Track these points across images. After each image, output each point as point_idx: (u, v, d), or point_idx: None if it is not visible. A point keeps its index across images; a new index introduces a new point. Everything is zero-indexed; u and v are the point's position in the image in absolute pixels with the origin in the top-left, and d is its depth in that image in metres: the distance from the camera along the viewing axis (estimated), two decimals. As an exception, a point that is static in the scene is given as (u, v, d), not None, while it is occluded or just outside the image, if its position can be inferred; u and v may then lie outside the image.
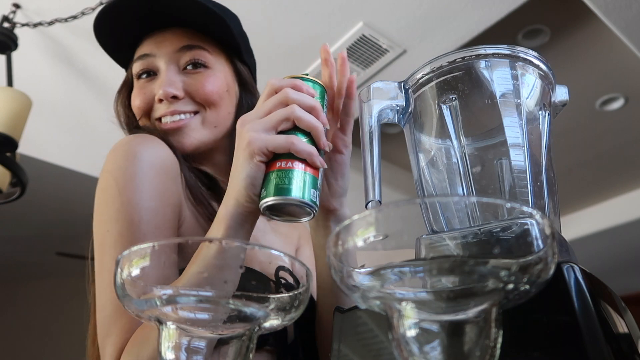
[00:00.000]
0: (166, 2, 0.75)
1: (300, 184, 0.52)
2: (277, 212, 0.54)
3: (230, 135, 0.79)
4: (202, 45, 0.78)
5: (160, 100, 0.75)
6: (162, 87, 0.74)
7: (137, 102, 0.78)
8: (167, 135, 0.74)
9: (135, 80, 0.80)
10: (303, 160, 0.53)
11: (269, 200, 0.52)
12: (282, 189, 0.51)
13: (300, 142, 0.53)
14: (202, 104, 0.76)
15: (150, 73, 0.78)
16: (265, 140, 0.53)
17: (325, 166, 0.55)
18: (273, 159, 0.53)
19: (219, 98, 0.77)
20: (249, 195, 0.54)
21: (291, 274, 0.71)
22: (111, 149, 0.70)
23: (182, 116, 0.75)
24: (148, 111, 0.78)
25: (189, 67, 0.77)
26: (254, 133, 0.53)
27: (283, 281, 0.69)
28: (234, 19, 0.83)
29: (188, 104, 0.76)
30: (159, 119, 0.76)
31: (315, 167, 0.54)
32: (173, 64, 0.77)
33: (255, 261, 0.65)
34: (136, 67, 0.79)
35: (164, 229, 0.64)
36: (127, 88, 0.84)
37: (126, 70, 0.85)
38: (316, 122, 0.54)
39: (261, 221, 0.85)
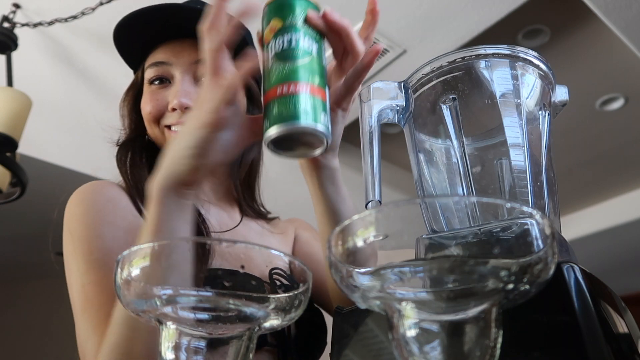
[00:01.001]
0: (188, 14, 0.76)
1: (309, 108, 0.45)
2: (283, 147, 0.46)
3: None
4: None
5: (174, 110, 0.76)
6: (177, 97, 0.75)
7: (148, 108, 0.78)
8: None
9: (146, 85, 0.80)
10: (307, 83, 0.46)
11: (273, 131, 0.44)
12: (288, 116, 0.44)
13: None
14: None
15: (164, 80, 0.78)
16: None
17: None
18: (270, 86, 0.47)
19: None
20: (189, 163, 0.50)
21: (286, 275, 0.71)
22: (69, 200, 0.75)
23: None
24: (158, 118, 0.78)
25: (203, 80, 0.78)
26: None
27: (278, 283, 0.70)
28: (249, 34, 0.84)
29: None
30: (169, 127, 0.77)
31: (322, 91, 0.46)
32: (189, 74, 0.77)
33: (252, 264, 0.65)
34: (150, 73, 0.79)
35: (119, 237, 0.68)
36: (135, 91, 0.84)
37: (134, 71, 0.85)
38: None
39: (257, 224, 0.85)
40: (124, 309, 0.49)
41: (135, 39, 0.80)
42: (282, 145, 0.46)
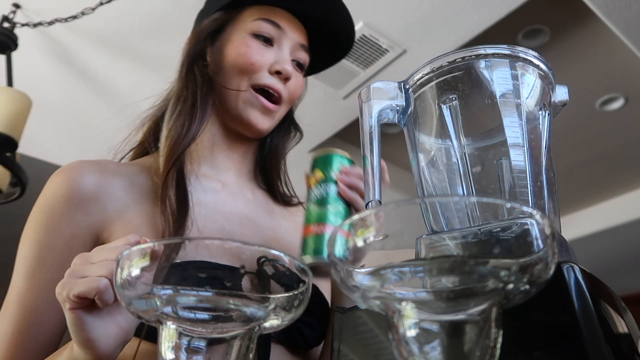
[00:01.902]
0: (332, 7, 0.81)
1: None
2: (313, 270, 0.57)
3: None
4: (309, 54, 0.82)
5: (277, 73, 0.75)
6: (287, 64, 0.76)
7: (253, 58, 0.75)
8: (252, 107, 0.75)
9: (248, 34, 0.77)
10: (333, 225, 0.59)
11: (307, 260, 0.58)
12: (318, 251, 0.58)
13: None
14: (287, 100, 0.79)
15: (269, 40, 0.77)
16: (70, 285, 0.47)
17: None
18: (308, 223, 0.61)
19: (294, 101, 0.82)
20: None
21: (276, 265, 0.67)
22: (47, 182, 0.72)
23: (276, 95, 0.76)
24: (253, 72, 0.75)
25: (294, 63, 0.79)
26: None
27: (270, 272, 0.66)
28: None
29: (285, 91, 0.77)
30: (259, 88, 0.75)
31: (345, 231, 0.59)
32: (291, 50, 0.79)
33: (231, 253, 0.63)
34: (260, 26, 0.77)
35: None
36: (219, 24, 0.79)
37: (225, 9, 0.80)
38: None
39: (275, 205, 0.83)
40: None
41: None
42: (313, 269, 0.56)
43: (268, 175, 0.85)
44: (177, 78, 0.81)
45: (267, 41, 0.77)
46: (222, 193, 0.76)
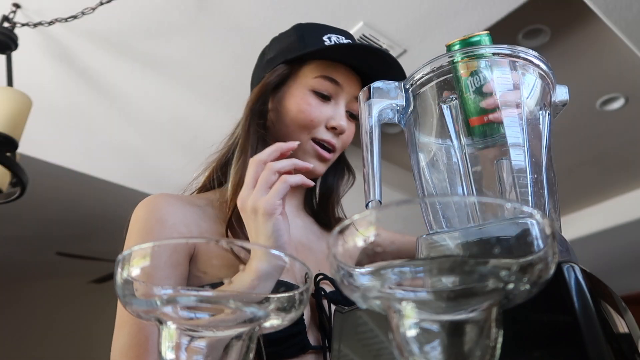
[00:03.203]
0: (384, 61, 0.84)
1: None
2: None
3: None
4: None
5: (333, 129, 0.83)
6: (343, 120, 0.84)
7: (312, 115, 0.83)
8: (310, 156, 0.83)
9: (308, 91, 0.84)
10: None
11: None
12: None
13: (291, 177, 0.65)
14: (340, 149, 0.86)
15: (326, 97, 0.84)
16: (269, 198, 0.64)
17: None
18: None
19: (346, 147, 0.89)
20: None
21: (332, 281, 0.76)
22: (133, 213, 0.79)
23: (331, 147, 0.84)
24: (312, 128, 0.83)
25: (348, 114, 0.86)
26: (259, 201, 0.64)
27: (323, 292, 0.75)
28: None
29: (339, 142, 0.85)
30: (318, 141, 0.83)
31: None
32: (347, 104, 0.86)
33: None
34: (321, 84, 0.83)
35: (175, 265, 0.71)
36: (280, 79, 0.86)
37: (287, 62, 0.86)
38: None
39: (320, 230, 0.91)
40: None
41: (333, 46, 0.85)
42: None
43: (320, 210, 0.94)
44: (242, 129, 0.86)
45: (326, 98, 0.84)
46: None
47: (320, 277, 0.76)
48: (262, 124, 0.84)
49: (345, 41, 0.87)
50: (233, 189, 0.78)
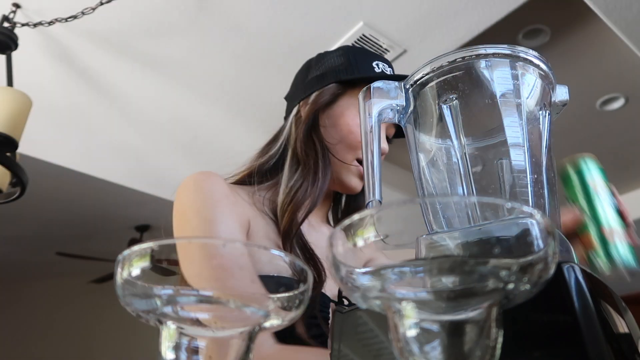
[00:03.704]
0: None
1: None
2: None
3: None
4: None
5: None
6: (385, 144, 0.89)
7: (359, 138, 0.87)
8: (353, 175, 0.88)
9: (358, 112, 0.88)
10: None
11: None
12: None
13: None
14: None
15: None
16: None
17: None
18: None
19: None
20: None
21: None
22: (182, 184, 0.79)
23: None
24: (357, 149, 0.87)
25: (386, 138, 0.92)
26: None
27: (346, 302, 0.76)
28: None
29: None
30: (360, 160, 0.86)
31: None
32: (386, 127, 0.91)
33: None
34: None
35: (235, 235, 0.75)
36: (332, 98, 0.89)
37: (338, 82, 0.90)
38: None
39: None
40: None
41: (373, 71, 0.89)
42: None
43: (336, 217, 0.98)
44: (295, 139, 0.89)
45: None
46: (312, 232, 0.88)
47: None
48: (319, 140, 0.87)
49: (389, 70, 0.92)
50: (290, 207, 0.81)
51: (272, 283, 0.70)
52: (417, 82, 0.56)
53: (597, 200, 0.62)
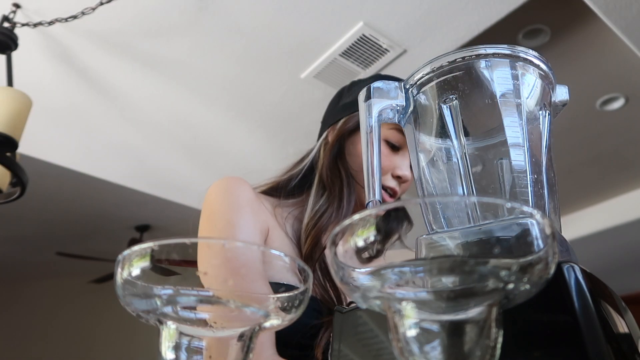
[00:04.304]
0: None
1: None
2: None
3: None
4: None
5: (398, 177, 0.87)
6: (408, 170, 0.88)
7: (385, 162, 0.87)
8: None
9: (383, 141, 0.88)
10: None
11: None
12: None
13: None
14: (400, 193, 0.90)
15: (397, 147, 0.89)
16: None
17: None
18: None
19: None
20: None
21: None
22: (212, 187, 0.83)
23: (392, 193, 0.88)
24: (382, 174, 0.87)
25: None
26: None
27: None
28: None
29: (399, 190, 0.89)
30: (383, 185, 0.87)
31: None
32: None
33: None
34: (393, 136, 0.88)
35: (254, 239, 0.78)
36: (355, 125, 0.91)
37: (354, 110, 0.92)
38: None
39: None
40: None
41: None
42: None
43: None
44: (322, 165, 0.92)
45: (395, 148, 0.89)
46: None
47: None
48: (344, 168, 0.89)
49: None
50: (313, 230, 0.83)
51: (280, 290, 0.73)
52: (417, 82, 0.56)
53: None
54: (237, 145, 2.66)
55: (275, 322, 0.36)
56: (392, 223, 0.98)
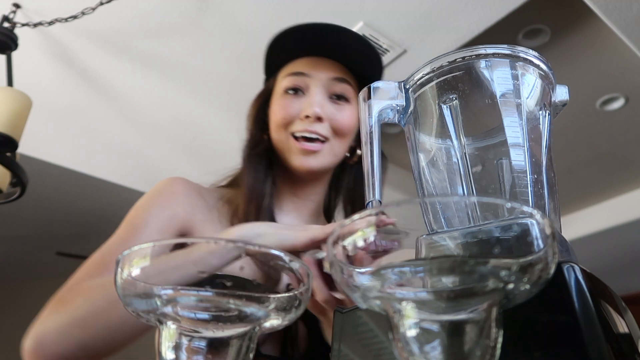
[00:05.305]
0: (338, 37, 0.86)
1: None
2: None
3: (334, 168, 0.89)
4: (350, 81, 0.87)
5: (307, 117, 0.82)
6: (314, 107, 0.82)
7: (282, 113, 0.84)
8: (294, 153, 0.83)
9: (280, 93, 0.86)
10: None
11: None
12: None
13: None
14: (335, 133, 0.84)
15: (298, 90, 0.85)
16: None
17: None
18: None
19: (350, 131, 0.86)
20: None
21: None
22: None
23: (314, 136, 0.83)
24: (287, 124, 0.84)
25: (334, 97, 0.85)
26: None
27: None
28: (382, 64, 0.93)
29: (325, 129, 0.83)
30: (293, 134, 0.83)
31: None
32: (323, 89, 0.85)
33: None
34: (288, 82, 0.86)
35: (159, 235, 0.76)
36: (265, 96, 0.91)
37: (267, 79, 0.94)
38: None
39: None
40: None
41: (284, 50, 0.88)
42: None
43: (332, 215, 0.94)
44: (246, 145, 0.92)
45: (298, 92, 0.85)
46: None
47: None
48: (262, 141, 0.88)
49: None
50: (244, 199, 0.82)
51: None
52: (417, 82, 0.56)
53: None
54: (237, 145, 2.66)
55: (276, 322, 0.36)
56: (346, 178, 0.93)
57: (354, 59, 0.87)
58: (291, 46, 0.87)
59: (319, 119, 0.82)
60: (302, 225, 0.70)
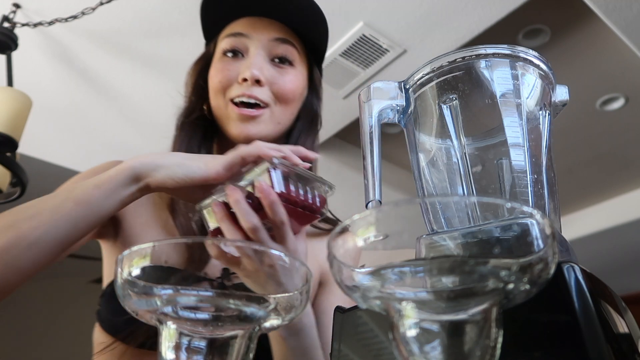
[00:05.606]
0: None
1: None
2: None
3: (284, 136, 0.82)
4: (294, 43, 0.80)
5: (244, 80, 0.75)
6: (251, 69, 0.74)
7: (218, 77, 0.78)
8: (232, 120, 0.76)
9: (219, 56, 0.80)
10: None
11: None
12: None
13: None
14: (277, 98, 0.77)
15: (237, 53, 0.79)
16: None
17: None
18: None
19: (293, 98, 0.79)
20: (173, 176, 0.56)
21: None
22: None
23: (253, 101, 0.75)
24: (225, 89, 0.78)
25: (276, 60, 0.79)
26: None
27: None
28: (327, 27, 0.85)
29: (265, 93, 0.76)
30: (232, 99, 0.76)
31: None
32: (264, 51, 0.78)
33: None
34: (226, 43, 0.79)
35: None
36: (204, 61, 0.85)
37: (207, 44, 0.87)
38: None
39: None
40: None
41: (219, 9, 0.82)
42: None
43: None
44: (180, 113, 0.88)
45: (236, 54, 0.79)
46: None
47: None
48: (198, 109, 0.83)
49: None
50: None
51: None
52: (417, 82, 0.56)
53: None
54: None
55: (275, 322, 0.36)
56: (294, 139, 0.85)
57: (298, 19, 0.80)
58: (229, 5, 0.81)
59: (257, 82, 0.75)
60: (214, 155, 0.61)
